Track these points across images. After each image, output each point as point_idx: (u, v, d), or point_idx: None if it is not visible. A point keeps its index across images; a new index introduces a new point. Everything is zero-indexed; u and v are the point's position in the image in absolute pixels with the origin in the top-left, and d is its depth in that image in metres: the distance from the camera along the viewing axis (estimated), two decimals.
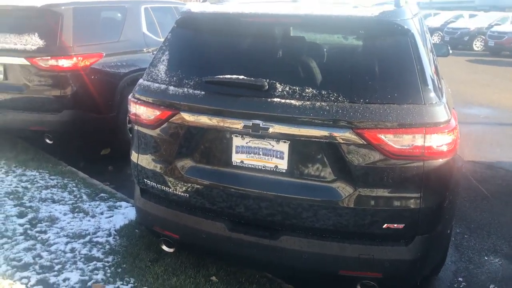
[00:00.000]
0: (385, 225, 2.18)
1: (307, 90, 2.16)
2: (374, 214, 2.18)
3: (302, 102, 2.14)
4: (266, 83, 2.19)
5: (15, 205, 3.43)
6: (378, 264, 2.22)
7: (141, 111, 2.50)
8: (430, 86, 2.17)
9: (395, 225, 2.18)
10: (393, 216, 2.17)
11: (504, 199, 4.25)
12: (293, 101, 2.15)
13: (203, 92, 2.31)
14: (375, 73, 2.17)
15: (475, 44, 20.02)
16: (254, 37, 2.43)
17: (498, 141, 6.13)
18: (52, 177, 4.10)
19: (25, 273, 2.60)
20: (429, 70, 2.24)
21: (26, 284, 2.52)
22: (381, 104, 2.08)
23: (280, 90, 2.19)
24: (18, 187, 3.79)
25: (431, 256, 2.38)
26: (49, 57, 4.26)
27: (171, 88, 2.39)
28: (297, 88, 2.18)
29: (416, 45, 2.19)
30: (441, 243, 2.50)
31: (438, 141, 2.10)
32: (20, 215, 3.29)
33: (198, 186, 2.41)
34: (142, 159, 2.60)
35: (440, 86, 2.42)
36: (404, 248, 2.22)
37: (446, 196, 2.26)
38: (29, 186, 3.84)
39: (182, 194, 2.46)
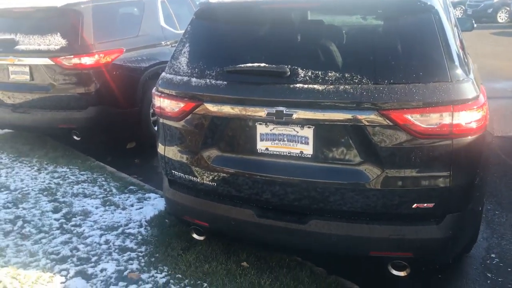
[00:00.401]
0: (414, 205, 2.17)
1: (329, 74, 2.15)
2: (403, 194, 2.16)
3: (325, 86, 2.13)
4: (287, 69, 2.19)
5: (49, 201, 3.56)
6: (409, 244, 2.21)
7: (165, 104, 2.54)
8: (457, 63, 2.12)
9: (425, 205, 2.16)
10: (422, 195, 2.15)
11: None
12: (316, 86, 2.14)
13: (225, 82, 2.32)
14: (399, 53, 2.14)
15: (500, 16, 19.27)
16: (273, 24, 2.42)
17: None
18: (82, 172, 4.23)
19: (64, 265, 2.71)
20: (454, 47, 2.19)
21: (66, 276, 2.63)
22: (406, 84, 2.05)
23: (302, 76, 2.18)
24: (51, 184, 3.92)
25: (462, 234, 2.36)
26: (72, 56, 4.36)
27: (194, 79, 2.42)
28: (319, 73, 2.16)
29: (441, 21, 2.14)
30: (472, 220, 2.47)
31: (467, 118, 2.06)
32: (55, 210, 3.41)
33: (225, 175, 2.44)
34: (168, 151, 2.64)
35: (466, 61, 2.36)
36: (435, 227, 2.20)
37: (477, 174, 2.23)
38: (61, 182, 3.97)
39: (210, 183, 2.50)
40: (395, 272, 2.39)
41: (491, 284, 2.70)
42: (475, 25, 4.34)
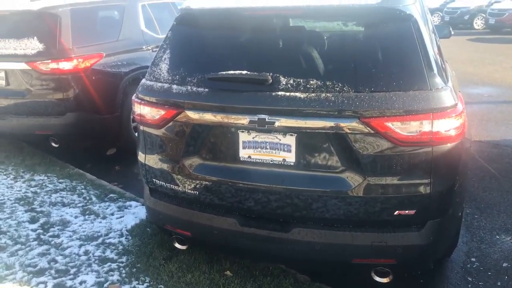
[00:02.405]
0: (396, 212, 2.19)
1: (311, 82, 2.15)
2: (385, 201, 2.18)
3: (307, 94, 2.13)
4: (269, 77, 2.18)
5: (26, 211, 3.46)
6: (391, 251, 2.23)
7: (145, 111, 2.50)
8: (435, 71, 2.15)
9: (407, 211, 2.18)
10: (404, 202, 2.17)
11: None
12: (298, 94, 2.14)
13: (206, 89, 2.30)
14: (379, 61, 2.16)
15: (476, 23, 19.77)
16: (255, 31, 2.41)
17: (503, 119, 6.10)
18: (60, 180, 4.13)
19: (42, 278, 2.63)
20: (433, 55, 2.22)
21: None
22: (387, 92, 2.07)
23: (284, 83, 2.18)
24: (27, 193, 3.82)
25: (443, 239, 2.39)
26: (49, 61, 4.26)
27: (175, 86, 2.39)
28: (301, 80, 2.17)
29: (419, 30, 2.17)
30: (452, 226, 2.50)
31: (446, 126, 2.09)
32: (32, 220, 3.32)
33: (207, 183, 2.42)
34: (149, 159, 2.60)
35: (445, 69, 2.40)
36: (417, 233, 2.22)
37: (456, 180, 2.26)
38: (38, 190, 3.87)
39: (192, 191, 2.47)
40: (378, 279, 2.40)
41: (471, 287, 2.74)
42: (452, 32, 4.43)
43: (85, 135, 4.61)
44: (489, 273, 2.86)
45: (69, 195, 3.80)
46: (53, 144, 4.60)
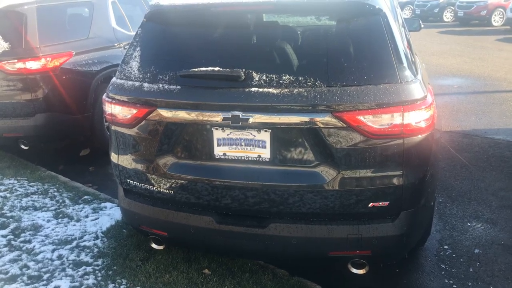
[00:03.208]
0: (370, 204, 2.22)
1: (284, 77, 2.15)
2: (359, 194, 2.21)
3: (280, 89, 2.13)
4: (242, 73, 2.17)
5: None
6: (367, 242, 2.26)
7: (117, 110, 2.45)
8: (405, 64, 2.18)
9: (380, 203, 2.22)
10: (377, 194, 2.21)
11: (481, 165, 4.37)
12: (271, 90, 2.14)
13: (179, 87, 2.27)
14: (350, 55, 2.17)
15: (445, 16, 20.27)
16: (227, 27, 2.39)
17: (472, 110, 6.28)
18: (31, 183, 4.01)
19: (14, 285, 2.55)
20: (402, 48, 2.25)
21: None
22: (358, 86, 2.09)
23: (257, 79, 2.17)
24: None
25: (417, 229, 2.44)
26: (15, 60, 4.14)
27: (146, 84, 2.34)
28: (274, 76, 2.16)
29: (389, 24, 2.20)
30: (425, 215, 2.56)
31: (416, 118, 2.13)
32: (2, 226, 3.21)
33: (182, 182, 2.39)
34: (122, 159, 2.55)
35: (414, 62, 2.44)
36: (391, 224, 2.26)
37: (428, 170, 2.31)
38: (8, 195, 3.75)
39: (167, 191, 2.44)
40: (354, 270, 2.44)
41: (445, 274, 2.81)
42: (422, 26, 4.52)
43: (56, 136, 4.49)
44: (462, 260, 2.95)
45: (41, 198, 3.70)
46: (23, 147, 4.46)
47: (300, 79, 2.13)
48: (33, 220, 3.31)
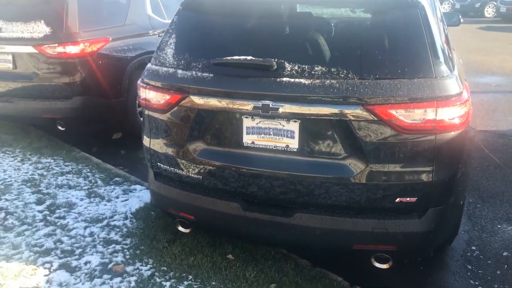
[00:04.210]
0: (397, 199, 2.20)
1: (316, 68, 2.15)
2: (387, 189, 2.19)
3: (311, 80, 2.13)
4: (274, 63, 2.18)
5: (32, 192, 3.52)
6: (392, 237, 2.25)
7: (150, 95, 2.52)
8: (441, 59, 2.14)
9: (408, 199, 2.20)
10: (405, 190, 2.19)
11: None
12: (302, 80, 2.14)
13: (211, 75, 2.31)
14: (385, 48, 2.15)
15: (487, 11, 19.50)
16: (261, 16, 2.40)
17: (510, 110, 6.05)
18: (66, 163, 4.18)
19: (48, 258, 2.69)
20: (439, 43, 2.20)
21: (49, 268, 2.60)
22: (392, 79, 2.07)
23: (289, 69, 2.18)
24: (34, 175, 3.87)
25: (444, 227, 2.41)
26: (56, 44, 4.27)
27: (180, 71, 2.39)
28: (306, 67, 2.17)
29: (426, 17, 2.15)
30: (454, 214, 2.52)
31: (450, 114, 2.09)
32: (39, 202, 3.37)
33: (211, 168, 2.44)
34: (154, 143, 2.63)
35: (451, 57, 2.38)
36: (417, 220, 2.24)
37: (459, 168, 2.26)
38: (45, 173, 3.92)
39: (195, 176, 2.50)
40: (378, 265, 2.43)
41: (471, 275, 2.76)
42: (461, 20, 4.37)
43: (91, 119, 4.63)
44: (489, 262, 2.88)
45: (75, 178, 3.85)
46: (60, 128, 4.63)
47: (332, 70, 2.13)
48: (67, 198, 3.46)
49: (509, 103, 6.35)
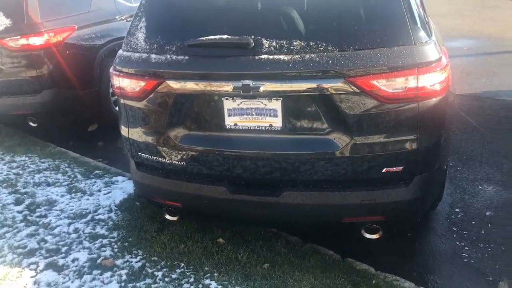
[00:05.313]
0: (384, 170, 2.21)
1: (294, 43, 2.10)
2: (372, 160, 2.19)
3: (290, 56, 2.08)
4: (251, 40, 2.11)
5: (10, 193, 3.39)
6: (381, 208, 2.26)
7: (125, 83, 2.42)
8: (419, 25, 2.11)
9: (394, 169, 2.20)
10: (391, 160, 2.19)
11: (493, 128, 4.32)
12: (281, 56, 2.09)
13: (187, 57, 2.23)
14: (362, 18, 2.11)
15: None
16: None
17: (483, 72, 6.15)
18: (42, 160, 4.04)
19: (33, 259, 2.61)
20: (416, 8, 2.18)
21: (35, 269, 2.54)
22: (371, 49, 2.04)
23: (267, 46, 2.11)
24: (9, 174, 3.73)
25: (430, 193, 2.44)
26: (18, 36, 4.08)
27: (153, 56, 2.30)
28: (284, 42, 2.11)
29: None
30: (439, 179, 2.55)
31: (431, 81, 2.08)
32: (17, 202, 3.26)
33: (194, 153, 2.39)
34: (133, 133, 2.54)
35: (428, 23, 2.36)
36: (404, 189, 2.26)
37: (442, 134, 2.28)
38: (20, 172, 3.78)
39: (179, 163, 2.44)
40: (368, 236, 2.45)
41: (457, 237, 2.83)
42: None
43: (63, 112, 4.47)
44: (473, 222, 2.95)
45: (53, 174, 3.73)
46: (32, 124, 4.47)
47: (311, 44, 2.08)
48: (47, 195, 3.35)
49: (482, 66, 6.46)
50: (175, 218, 2.81)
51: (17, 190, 3.44)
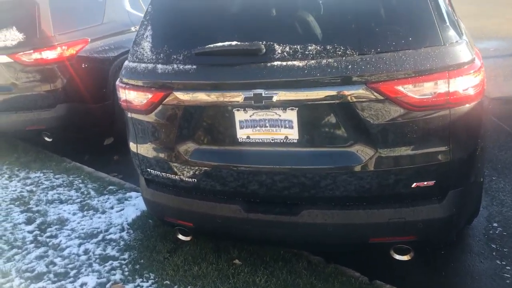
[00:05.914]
0: (414, 184, 1.99)
1: (309, 48, 1.91)
2: (400, 174, 1.98)
3: (305, 61, 1.90)
4: (262, 46, 1.94)
5: (22, 212, 3.31)
6: (411, 227, 2.04)
7: (131, 96, 2.29)
8: (448, 23, 1.91)
9: (425, 183, 1.98)
10: (421, 173, 1.97)
11: None
12: (295, 62, 1.91)
13: (195, 66, 2.08)
14: (383, 17, 1.91)
15: None
16: None
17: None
18: (57, 176, 3.96)
19: (40, 284, 2.48)
20: (444, 5, 1.97)
21: None
22: (395, 52, 1.84)
23: (279, 52, 1.94)
24: (23, 192, 3.66)
25: (466, 209, 2.20)
26: (31, 51, 4.03)
27: (160, 66, 2.16)
28: (298, 47, 1.93)
29: None
30: (475, 193, 2.31)
31: (464, 85, 1.86)
32: (28, 221, 3.16)
33: (206, 169, 2.23)
34: (141, 148, 2.41)
35: (458, 21, 2.15)
36: (438, 205, 2.03)
37: (477, 144, 2.05)
38: (34, 189, 3.71)
39: (190, 179, 2.28)
40: (398, 257, 2.23)
41: (496, 255, 2.57)
42: None
43: (79, 126, 4.40)
44: None
45: (66, 191, 3.64)
46: (47, 139, 4.41)
47: (328, 48, 1.89)
48: (59, 213, 3.25)
49: (510, 67, 6.12)
50: (188, 238, 2.66)
51: (29, 209, 3.35)
